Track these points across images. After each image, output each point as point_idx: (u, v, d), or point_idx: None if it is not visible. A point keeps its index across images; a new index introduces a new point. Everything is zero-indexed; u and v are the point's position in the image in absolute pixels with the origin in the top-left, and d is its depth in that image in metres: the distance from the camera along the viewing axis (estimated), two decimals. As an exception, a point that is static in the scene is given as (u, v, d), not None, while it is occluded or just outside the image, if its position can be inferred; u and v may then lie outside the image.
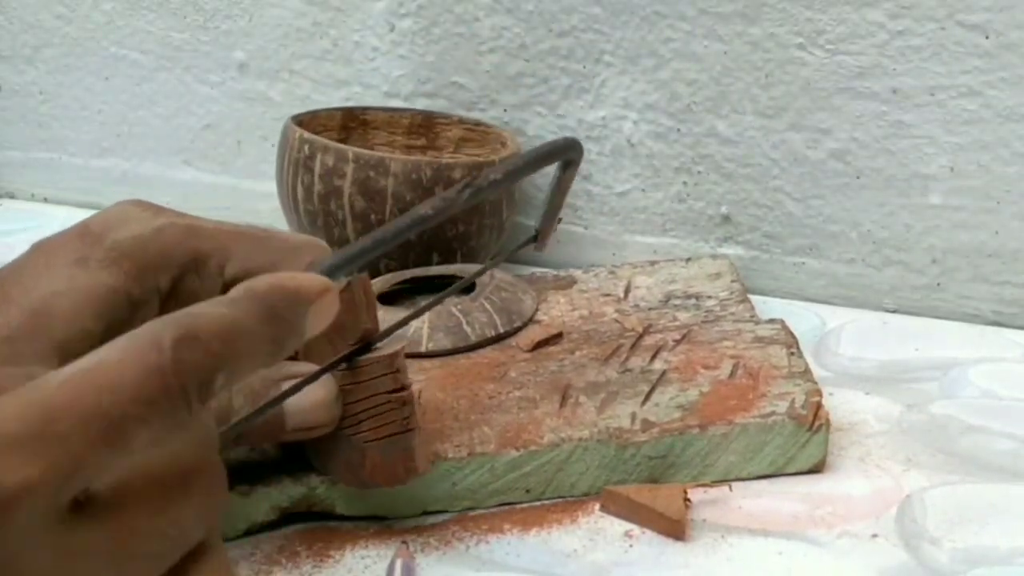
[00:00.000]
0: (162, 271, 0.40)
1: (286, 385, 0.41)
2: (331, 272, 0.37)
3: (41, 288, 0.38)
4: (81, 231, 0.40)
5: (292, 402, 0.43)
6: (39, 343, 0.36)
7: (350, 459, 0.45)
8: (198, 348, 0.29)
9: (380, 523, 0.48)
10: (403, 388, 0.45)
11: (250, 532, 0.47)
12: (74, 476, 0.27)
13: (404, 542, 0.46)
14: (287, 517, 0.47)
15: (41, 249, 0.40)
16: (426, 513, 0.48)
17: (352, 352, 0.44)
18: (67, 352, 0.37)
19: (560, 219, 0.51)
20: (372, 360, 0.44)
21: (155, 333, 0.28)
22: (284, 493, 0.47)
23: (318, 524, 0.48)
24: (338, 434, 0.45)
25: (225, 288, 0.42)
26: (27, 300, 0.37)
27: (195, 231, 0.42)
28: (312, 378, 0.41)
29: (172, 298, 0.41)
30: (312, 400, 0.44)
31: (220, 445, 0.37)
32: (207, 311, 0.30)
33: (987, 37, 0.60)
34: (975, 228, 0.64)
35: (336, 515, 0.48)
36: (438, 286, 0.59)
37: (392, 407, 0.45)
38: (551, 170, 0.51)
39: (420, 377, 0.54)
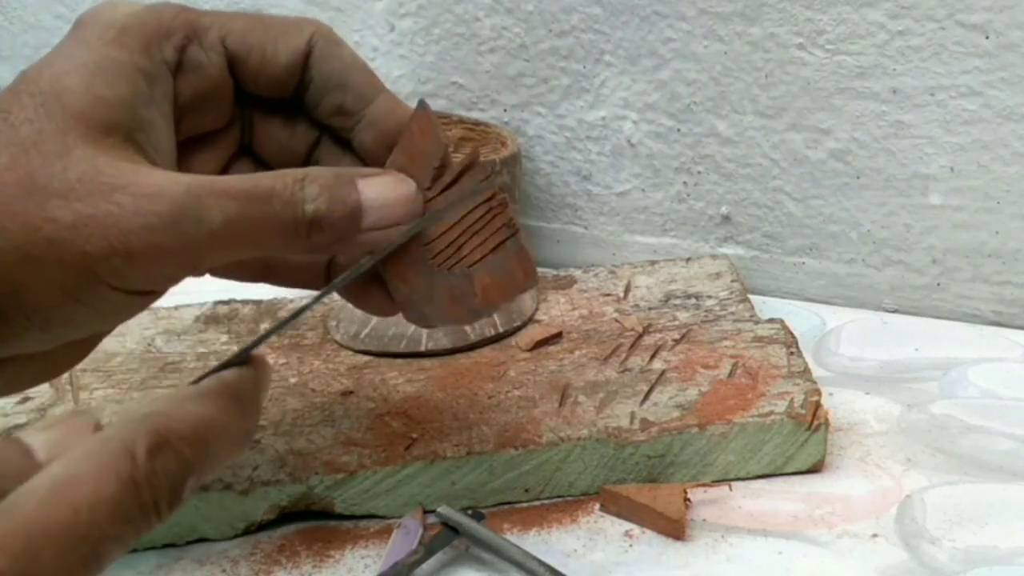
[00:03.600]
0: (165, 41, 0.40)
1: (360, 182, 0.40)
2: (241, 358, 0.35)
3: (47, 75, 0.38)
4: (74, 27, 0.40)
5: (369, 197, 0.40)
6: (58, 119, 0.37)
7: (454, 293, 0.43)
8: (171, 456, 0.29)
9: (380, 523, 0.48)
10: (499, 191, 0.42)
11: (249, 532, 0.47)
12: None
13: (424, 508, 0.47)
14: (287, 516, 0.47)
15: (42, 58, 0.40)
16: (426, 512, 0.48)
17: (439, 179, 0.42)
18: (88, 121, 0.37)
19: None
20: (466, 173, 0.42)
21: (128, 440, 0.28)
22: (283, 492, 0.47)
23: (318, 524, 0.48)
24: (433, 273, 0.43)
25: (230, 62, 0.42)
26: (36, 88, 0.37)
27: (189, 8, 0.41)
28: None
29: (181, 72, 0.41)
30: (393, 195, 0.41)
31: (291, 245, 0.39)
32: (178, 412, 0.30)
33: (987, 37, 0.60)
34: (975, 228, 0.64)
35: (336, 515, 0.48)
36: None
37: (494, 213, 0.42)
38: (550, 170, 0.51)
39: (420, 376, 0.54)
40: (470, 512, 0.46)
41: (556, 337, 0.57)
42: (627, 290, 0.63)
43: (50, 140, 0.36)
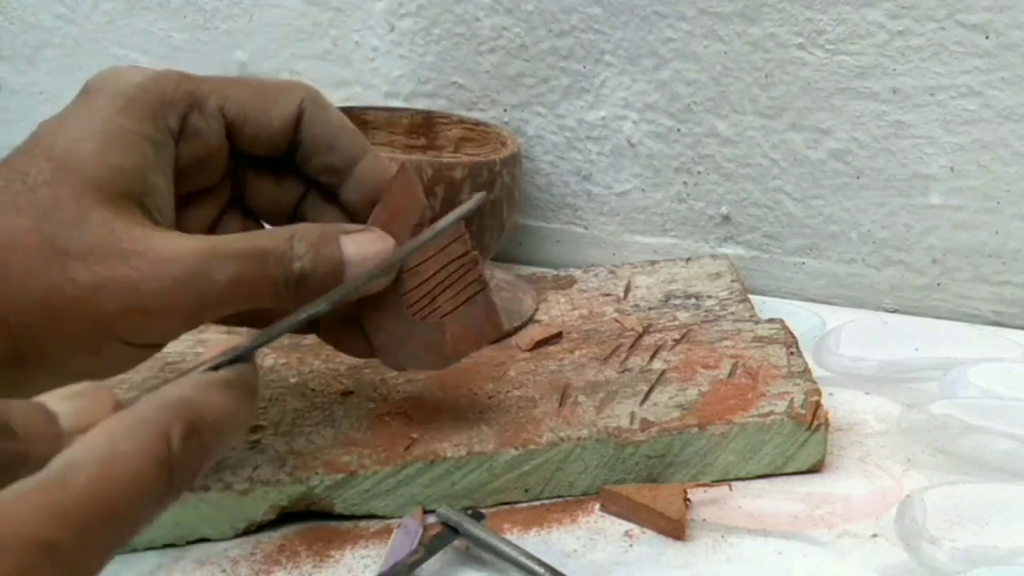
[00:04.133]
0: (169, 111, 0.44)
1: (343, 239, 0.43)
2: (248, 354, 0.36)
3: (62, 140, 0.41)
4: (82, 93, 0.44)
5: (351, 253, 0.43)
6: (75, 185, 0.40)
7: (427, 341, 0.47)
8: (198, 443, 0.30)
9: (380, 523, 0.48)
10: (471, 249, 0.47)
11: (249, 532, 0.47)
12: None
13: (424, 508, 0.47)
14: (287, 516, 0.47)
15: (51, 119, 0.43)
16: (426, 512, 0.48)
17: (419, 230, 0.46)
18: (103, 188, 0.40)
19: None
20: (441, 231, 0.45)
21: (163, 425, 0.29)
22: (283, 493, 0.47)
23: (318, 524, 0.48)
24: (409, 321, 0.46)
25: (227, 128, 0.45)
26: (53, 152, 0.41)
27: (189, 76, 0.45)
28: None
29: (183, 138, 0.44)
30: (372, 250, 0.44)
31: (277, 294, 0.42)
32: (206, 400, 0.31)
33: (987, 37, 0.60)
34: (975, 228, 0.64)
35: (336, 515, 0.48)
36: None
37: (466, 269, 0.46)
38: (550, 170, 0.52)
39: (420, 376, 0.54)
40: (470, 512, 0.46)
41: (556, 337, 0.57)
42: (627, 290, 0.63)
43: (68, 205, 0.39)
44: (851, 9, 0.62)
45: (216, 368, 0.33)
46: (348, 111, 0.72)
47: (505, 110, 0.72)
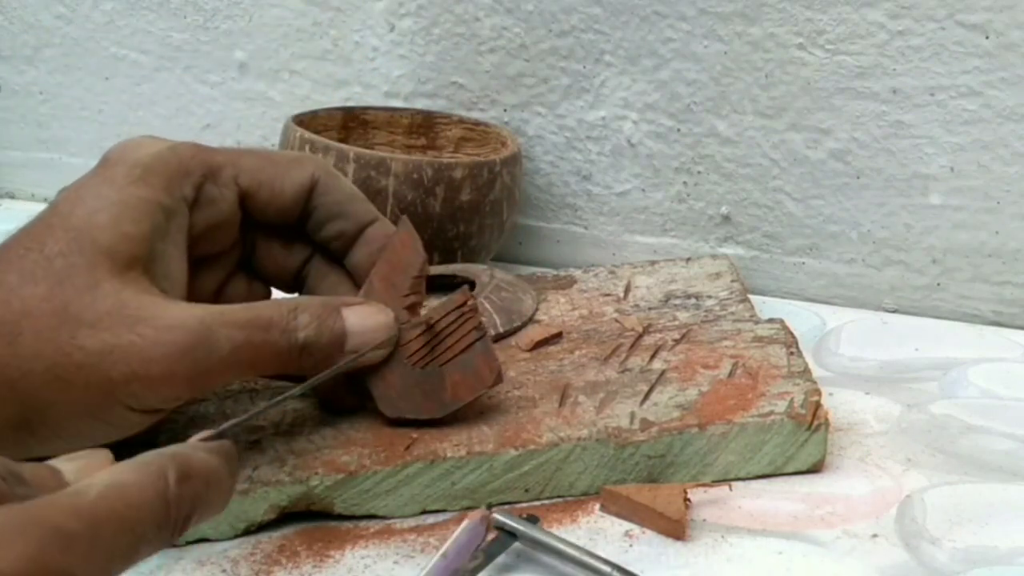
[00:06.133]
0: (185, 180, 0.46)
1: (345, 311, 0.46)
2: (225, 434, 0.37)
3: (79, 211, 0.43)
4: (101, 163, 0.46)
5: (353, 324, 0.46)
6: (88, 254, 0.42)
7: (427, 389, 0.48)
8: (190, 488, 0.32)
9: (380, 523, 0.48)
10: (471, 298, 0.48)
11: (249, 532, 0.47)
12: None
13: (490, 505, 0.47)
14: (287, 516, 0.47)
15: (68, 188, 0.45)
16: (425, 512, 0.48)
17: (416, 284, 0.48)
18: (114, 256, 0.42)
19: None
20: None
21: (162, 466, 0.31)
22: (283, 493, 0.47)
23: (318, 524, 0.48)
24: (408, 370, 0.48)
25: (241, 197, 0.48)
26: (68, 223, 0.43)
27: (204, 147, 0.48)
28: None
29: (197, 207, 0.46)
30: (373, 322, 0.47)
31: (284, 360, 0.44)
32: (197, 456, 0.33)
33: (987, 37, 0.60)
34: (975, 228, 0.64)
35: (336, 515, 0.48)
36: (438, 285, 0.59)
37: (466, 318, 0.48)
38: (550, 170, 0.52)
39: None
40: (525, 516, 0.46)
41: (556, 337, 0.57)
42: (627, 290, 0.63)
43: (81, 273, 0.42)
44: (851, 9, 0.62)
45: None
46: (348, 111, 0.72)
47: (505, 110, 0.72)
